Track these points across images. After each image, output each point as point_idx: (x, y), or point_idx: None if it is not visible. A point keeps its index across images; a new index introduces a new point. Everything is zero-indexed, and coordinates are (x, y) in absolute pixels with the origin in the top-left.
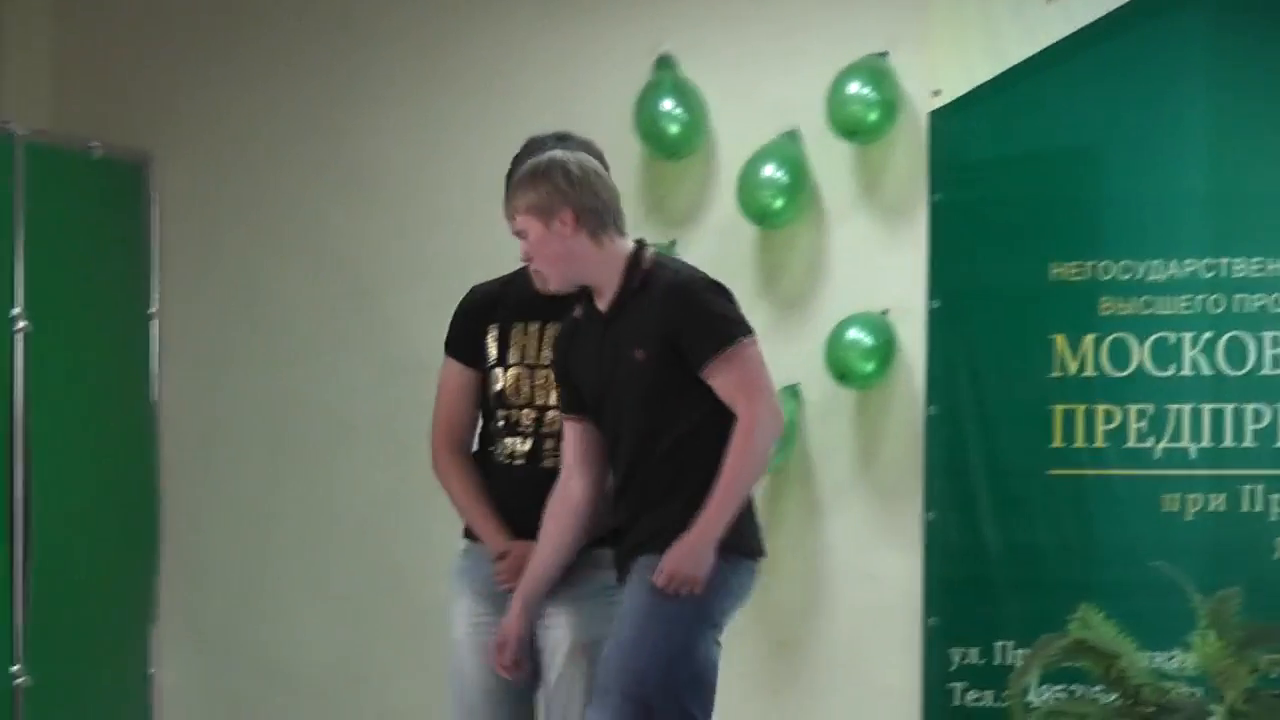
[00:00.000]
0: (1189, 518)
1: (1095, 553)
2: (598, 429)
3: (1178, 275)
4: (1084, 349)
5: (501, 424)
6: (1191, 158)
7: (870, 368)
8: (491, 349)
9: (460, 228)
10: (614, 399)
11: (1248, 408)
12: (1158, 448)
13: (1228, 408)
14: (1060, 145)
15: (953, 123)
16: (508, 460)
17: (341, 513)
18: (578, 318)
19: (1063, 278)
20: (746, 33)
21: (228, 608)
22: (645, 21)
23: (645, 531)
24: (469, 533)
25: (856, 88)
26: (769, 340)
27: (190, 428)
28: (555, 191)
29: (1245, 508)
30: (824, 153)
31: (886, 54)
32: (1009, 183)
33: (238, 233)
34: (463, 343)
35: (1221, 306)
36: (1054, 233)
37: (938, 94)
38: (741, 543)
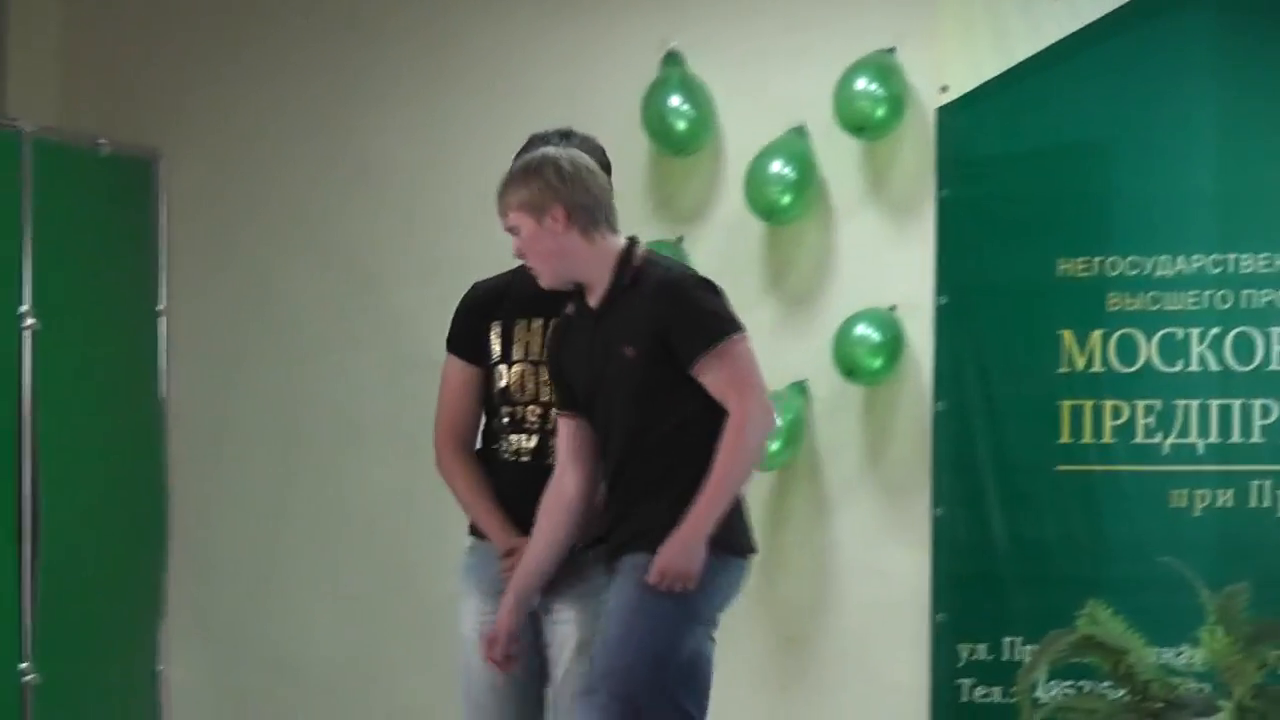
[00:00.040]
0: (1197, 513)
1: (1103, 548)
2: (591, 425)
3: (1185, 271)
4: (1092, 345)
5: (506, 421)
6: (1199, 153)
7: (878, 364)
8: (495, 346)
9: (469, 225)
10: (604, 395)
11: (1255, 403)
12: (1166, 443)
13: (1235, 403)
14: (1068, 141)
15: (960, 119)
16: (513, 457)
17: (350, 510)
18: (570, 314)
19: (1070, 273)
20: (754, 29)
21: (236, 605)
22: (653, 18)
23: (632, 530)
24: (475, 530)
25: (864, 84)
26: (776, 336)
27: (199, 425)
28: (547, 188)
29: (1253, 503)
30: (831, 149)
31: (894, 50)
32: (1016, 179)
33: (246, 230)
34: (465, 340)
35: (1229, 302)
36: (1062, 228)
37: (945, 90)
38: (731, 540)
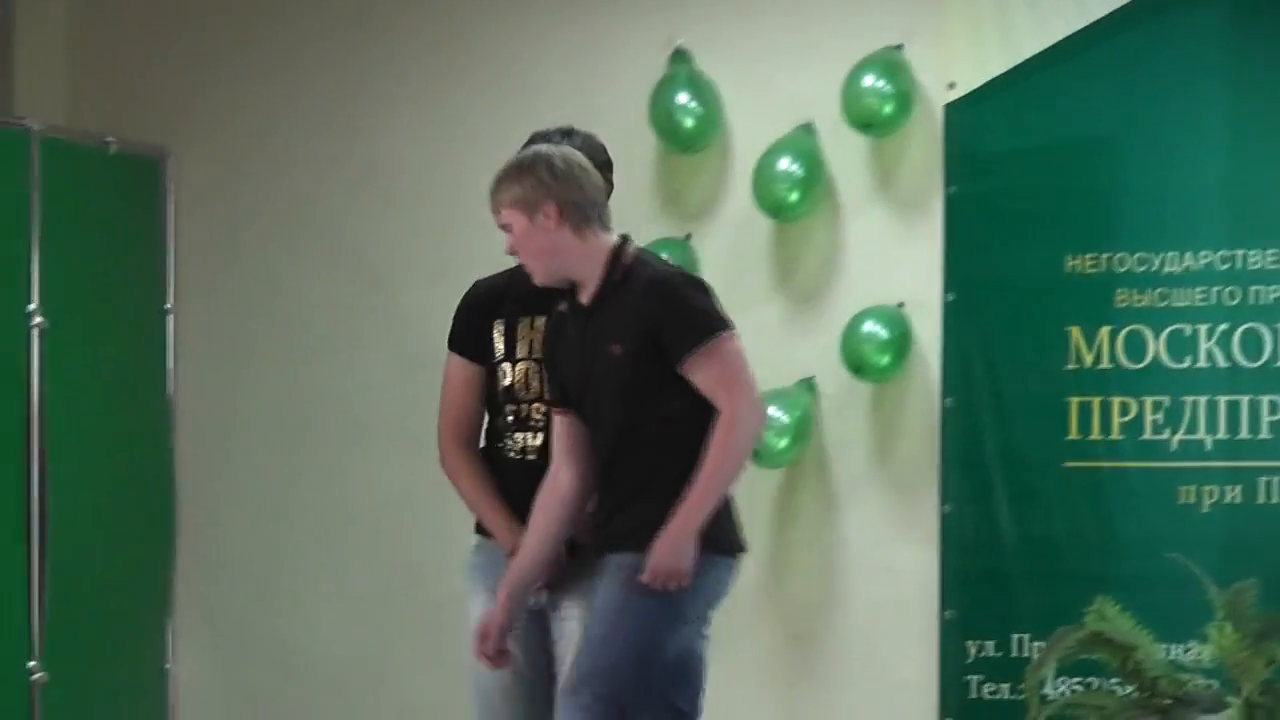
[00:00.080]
0: (1205, 510)
1: (1111, 545)
2: (584, 421)
3: (1193, 267)
4: (1099, 341)
5: (510, 419)
6: (1207, 149)
7: (886, 361)
8: (498, 344)
9: (476, 223)
10: (593, 392)
11: (1264, 399)
12: (1174, 440)
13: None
14: (1075, 137)
15: (967, 115)
16: (519, 455)
17: (358, 508)
18: (563, 311)
19: (1078, 270)
20: (762, 26)
21: (244, 602)
22: (660, 15)
23: (619, 529)
24: (480, 528)
25: (871, 81)
26: (784, 333)
27: (206, 423)
28: (539, 185)
29: (1261, 499)
30: (839, 146)
31: (901, 47)
32: (1024, 175)
33: (254, 228)
34: (467, 338)
35: (1237, 298)
36: (1069, 225)
37: (953, 87)
38: (720, 539)
